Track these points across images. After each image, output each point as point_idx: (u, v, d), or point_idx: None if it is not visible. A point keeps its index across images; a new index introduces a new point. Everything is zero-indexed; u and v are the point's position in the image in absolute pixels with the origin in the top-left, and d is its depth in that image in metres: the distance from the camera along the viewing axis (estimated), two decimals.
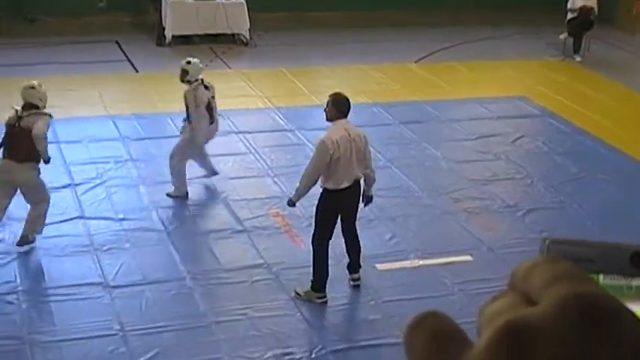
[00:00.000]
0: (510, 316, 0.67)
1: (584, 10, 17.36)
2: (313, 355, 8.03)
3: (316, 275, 8.77)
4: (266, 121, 13.52)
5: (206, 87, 10.72)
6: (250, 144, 12.55)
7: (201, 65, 10.92)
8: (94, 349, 7.96)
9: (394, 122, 13.59)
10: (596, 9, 17.49)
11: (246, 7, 17.51)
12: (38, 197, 9.57)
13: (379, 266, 9.53)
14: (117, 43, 17.30)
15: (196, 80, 10.67)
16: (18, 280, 8.93)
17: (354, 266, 9.07)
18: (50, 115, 9.56)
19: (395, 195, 11.18)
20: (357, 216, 9.02)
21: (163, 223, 10.21)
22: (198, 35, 17.49)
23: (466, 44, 18.22)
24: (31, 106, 9.47)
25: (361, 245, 9.06)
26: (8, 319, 8.30)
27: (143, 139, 12.57)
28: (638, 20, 19.55)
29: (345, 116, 8.69)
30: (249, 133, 12.94)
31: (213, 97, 10.77)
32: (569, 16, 17.52)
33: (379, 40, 18.00)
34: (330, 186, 8.58)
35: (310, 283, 8.79)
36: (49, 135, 12.36)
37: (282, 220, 10.45)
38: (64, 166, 11.53)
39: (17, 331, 8.13)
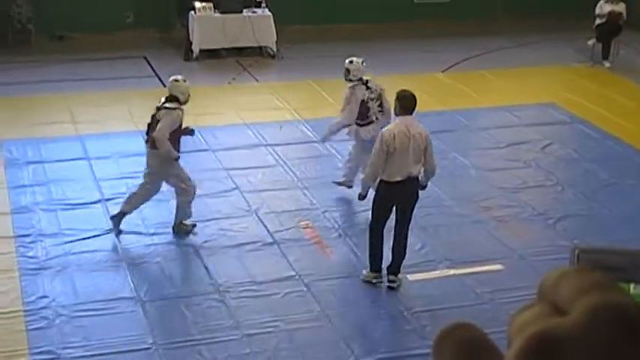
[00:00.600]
0: (540, 326, 0.67)
1: (612, 16, 17.25)
2: None
3: (370, 258, 9.19)
4: (294, 133, 13.54)
5: (368, 87, 10.86)
6: (279, 156, 12.58)
7: (363, 65, 10.98)
8: None
9: None
10: (624, 14, 17.36)
11: (272, 20, 17.57)
12: (178, 187, 10.22)
13: (410, 277, 9.51)
14: (145, 58, 17.41)
15: (359, 79, 10.87)
16: (51, 296, 8.98)
17: (393, 268, 9.18)
18: (181, 110, 10.08)
19: (425, 205, 11.12)
20: (388, 224, 9.02)
21: (194, 237, 10.24)
22: (225, 49, 17.56)
23: (493, 53, 18.16)
24: (173, 98, 10.08)
25: (406, 251, 9.22)
26: (42, 334, 8.36)
27: None
28: None
29: (409, 113, 8.93)
30: (278, 145, 12.97)
31: (373, 98, 10.83)
32: (598, 21, 17.41)
33: (406, 51, 17.99)
34: (384, 177, 8.85)
35: (369, 265, 9.22)
36: (80, 151, 12.49)
37: (312, 232, 10.46)
38: (95, 181, 11.60)
39: (51, 345, 8.18)
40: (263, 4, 17.82)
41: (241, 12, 17.52)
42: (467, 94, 15.55)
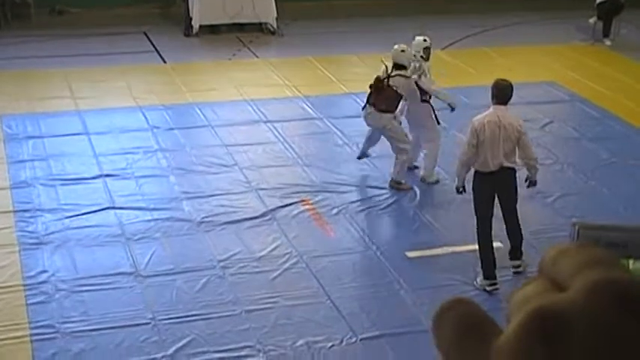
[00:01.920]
0: (539, 302, 0.67)
1: None
2: (344, 343, 8.05)
3: (483, 263, 8.89)
4: (295, 110, 13.52)
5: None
6: (279, 133, 12.57)
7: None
8: (126, 338, 8.02)
9: None
10: None
11: None
12: (398, 145, 10.77)
13: (409, 254, 9.53)
14: (145, 34, 17.36)
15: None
16: (50, 271, 9.00)
17: (513, 252, 9.11)
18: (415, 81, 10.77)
19: (422, 184, 11.16)
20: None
21: (193, 213, 10.25)
22: (225, 25, 17.51)
23: (494, 30, 18.10)
24: (400, 67, 10.64)
25: (522, 234, 9.11)
26: (42, 309, 8.38)
27: (172, 129, 12.62)
28: None
29: (504, 103, 8.82)
30: (278, 122, 12.95)
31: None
32: None
33: (406, 29, 17.88)
34: (477, 167, 8.84)
35: (482, 272, 8.90)
36: (79, 126, 12.49)
37: (311, 209, 10.47)
38: (94, 157, 11.60)
39: (50, 320, 8.21)
40: None
41: None
42: (467, 72, 15.51)
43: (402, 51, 10.79)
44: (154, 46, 16.72)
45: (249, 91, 14.15)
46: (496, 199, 8.94)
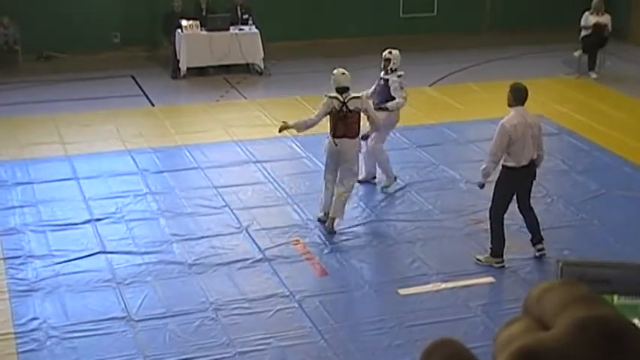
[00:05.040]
0: (524, 341, 0.66)
1: (597, 27, 17.33)
2: None
3: (494, 242, 9.92)
4: (283, 150, 13.54)
5: (399, 76, 11.97)
6: (269, 173, 12.57)
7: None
8: None
9: (411, 146, 13.58)
10: (609, 25, 17.45)
11: (259, 37, 17.59)
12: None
13: (401, 291, 9.50)
14: (132, 77, 17.42)
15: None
16: (41, 318, 8.94)
17: (536, 237, 10.07)
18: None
19: (415, 219, 11.16)
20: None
21: (185, 255, 10.22)
22: (212, 66, 17.58)
23: (481, 65, 18.22)
24: (345, 89, 10.89)
25: (538, 218, 10.08)
26: (33, 357, 8.30)
27: (161, 172, 12.62)
28: None
29: (522, 104, 9.74)
30: (267, 162, 12.97)
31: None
32: (583, 33, 17.51)
33: None
34: (511, 163, 9.69)
35: (489, 250, 9.93)
36: (69, 171, 12.46)
37: (303, 248, 10.44)
38: (84, 201, 11.57)
39: None
40: (250, 22, 17.84)
41: (228, 29, 17.54)
42: (455, 107, 15.58)
43: (343, 74, 11.04)
44: (141, 89, 16.76)
45: (238, 132, 14.17)
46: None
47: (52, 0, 18.42)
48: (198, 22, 17.41)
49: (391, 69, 11.95)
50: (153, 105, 15.96)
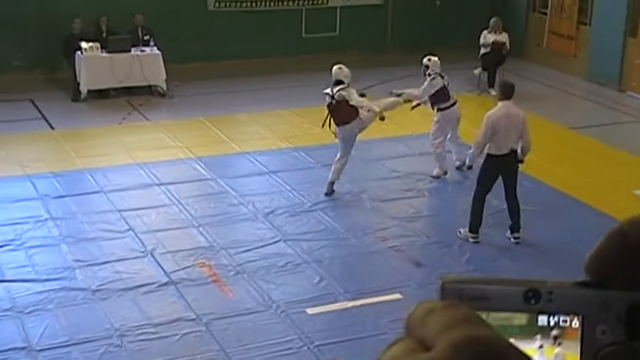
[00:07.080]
0: None
1: (496, 45, 17.76)
2: None
3: (472, 219, 10.99)
4: (188, 171, 13.42)
5: (442, 77, 13.40)
6: (173, 195, 12.44)
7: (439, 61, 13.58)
8: None
9: (316, 165, 13.62)
10: (507, 43, 17.89)
11: (161, 59, 17.44)
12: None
13: (309, 310, 9.48)
14: (31, 101, 17.05)
15: (436, 73, 13.33)
16: None
17: (515, 226, 11.04)
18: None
19: (321, 237, 11.18)
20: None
21: (88, 281, 10.01)
22: (114, 89, 17.33)
23: (382, 85, 18.39)
24: (339, 82, 12.48)
25: (520, 208, 11.00)
26: None
27: (63, 196, 12.35)
28: (547, 53, 20.04)
29: (508, 98, 10.87)
30: (172, 184, 12.83)
31: (448, 82, 13.52)
32: (482, 51, 17.92)
33: (297, 86, 18.08)
34: (492, 151, 10.78)
35: (468, 225, 10.99)
36: None
37: (209, 270, 10.35)
38: None
39: None
40: (151, 43, 17.68)
41: (129, 51, 17.34)
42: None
43: (340, 68, 12.70)
44: (41, 112, 16.43)
45: (141, 155, 14.00)
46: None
47: None
48: (98, 44, 17.16)
49: (428, 74, 13.34)
50: (53, 128, 15.65)
